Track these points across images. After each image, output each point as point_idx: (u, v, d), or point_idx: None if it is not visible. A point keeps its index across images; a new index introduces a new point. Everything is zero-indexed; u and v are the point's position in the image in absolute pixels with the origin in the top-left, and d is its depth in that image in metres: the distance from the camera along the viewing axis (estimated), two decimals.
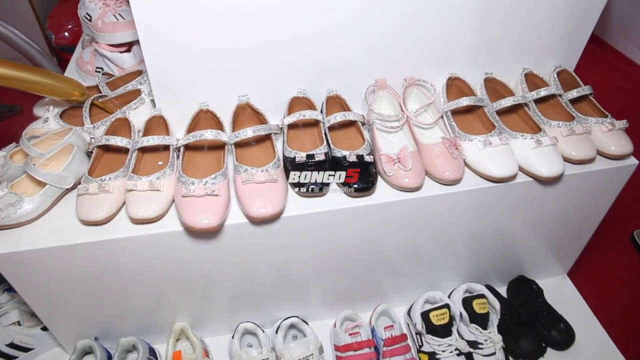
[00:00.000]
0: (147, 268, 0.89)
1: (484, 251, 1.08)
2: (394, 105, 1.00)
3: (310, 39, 0.92)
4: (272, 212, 0.81)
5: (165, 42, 0.87)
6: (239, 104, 0.96)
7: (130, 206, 0.81)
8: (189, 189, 0.80)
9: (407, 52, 0.99)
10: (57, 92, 0.94)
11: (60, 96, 0.95)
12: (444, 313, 0.99)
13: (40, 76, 0.92)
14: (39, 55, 1.33)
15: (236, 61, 0.92)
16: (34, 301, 0.91)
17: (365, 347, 0.98)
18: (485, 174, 0.90)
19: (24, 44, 1.33)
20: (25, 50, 1.34)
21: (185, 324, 0.99)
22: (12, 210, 0.80)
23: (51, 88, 0.93)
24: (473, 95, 1.00)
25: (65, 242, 0.81)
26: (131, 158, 0.89)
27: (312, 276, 1.02)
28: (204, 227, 0.78)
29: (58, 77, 0.95)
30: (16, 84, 0.90)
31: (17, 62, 0.92)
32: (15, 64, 0.90)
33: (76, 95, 0.97)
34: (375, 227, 0.93)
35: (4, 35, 1.35)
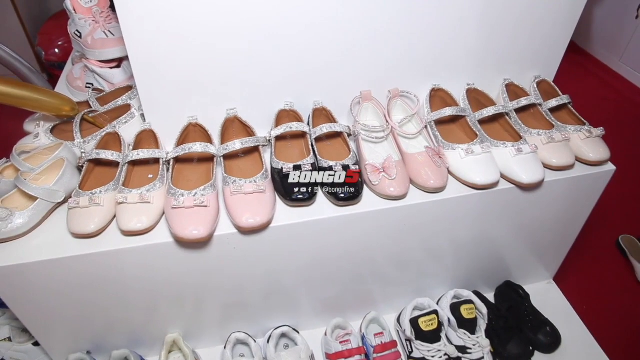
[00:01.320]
0: (139, 279, 0.90)
1: (470, 257, 1.10)
2: (379, 116, 1.03)
3: (296, 53, 0.94)
4: (261, 222, 0.83)
5: (154, 57, 0.89)
6: (228, 117, 0.98)
7: (121, 219, 0.83)
8: (179, 201, 0.81)
9: (391, 64, 1.02)
10: (48, 107, 0.96)
11: (51, 111, 0.97)
12: (433, 319, 1.01)
13: (31, 92, 0.94)
14: (27, 72, 1.34)
15: (224, 75, 0.95)
16: (25, 316, 0.91)
17: (356, 355, 1.00)
18: (468, 182, 0.93)
19: (13, 60, 1.35)
20: (14, 67, 1.36)
21: (177, 335, 1.00)
22: (2, 224, 0.81)
23: (42, 104, 0.95)
24: (456, 105, 1.03)
25: (56, 255, 0.82)
26: (122, 171, 0.90)
27: (302, 285, 1.04)
28: (194, 238, 0.79)
29: (49, 92, 0.97)
30: (7, 99, 0.91)
31: (7, 77, 0.94)
32: (6, 80, 0.92)
33: (66, 111, 0.98)
34: (362, 236, 0.95)
35: None
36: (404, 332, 1.03)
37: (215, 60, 0.92)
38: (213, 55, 0.91)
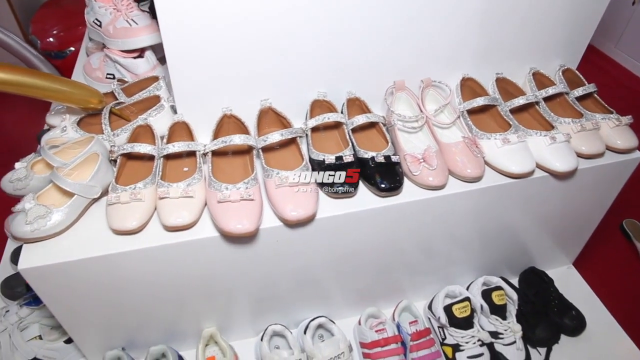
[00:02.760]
0: (178, 275, 0.87)
1: (496, 245, 1.10)
2: (412, 106, 1.01)
3: (328, 42, 0.92)
4: (307, 214, 0.81)
5: (188, 48, 0.86)
6: (262, 107, 0.95)
7: (164, 214, 0.80)
8: (224, 195, 0.79)
9: (420, 54, 1.00)
10: (75, 99, 0.91)
11: (78, 104, 0.92)
12: (466, 306, 1.01)
13: (59, 84, 0.89)
14: (38, 61, 1.28)
15: (256, 65, 0.92)
16: (61, 313, 0.88)
17: (392, 343, 0.99)
18: (505, 171, 0.92)
19: (22, 49, 1.28)
20: (23, 56, 1.30)
21: (214, 330, 0.98)
22: (42, 222, 0.78)
23: (69, 96, 0.90)
24: (486, 94, 1.02)
25: (98, 252, 0.78)
26: (158, 165, 0.87)
27: (334, 276, 1.02)
28: (242, 232, 0.77)
29: (76, 84, 0.92)
30: (34, 91, 0.86)
31: (31, 69, 0.89)
32: (31, 71, 0.87)
33: (94, 103, 0.94)
34: (400, 226, 0.94)
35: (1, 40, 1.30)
36: (437, 319, 1.03)
37: (248, 50, 0.89)
38: (245, 45, 0.88)
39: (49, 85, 0.88)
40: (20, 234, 0.77)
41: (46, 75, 0.90)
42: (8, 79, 0.82)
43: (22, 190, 0.85)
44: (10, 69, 0.83)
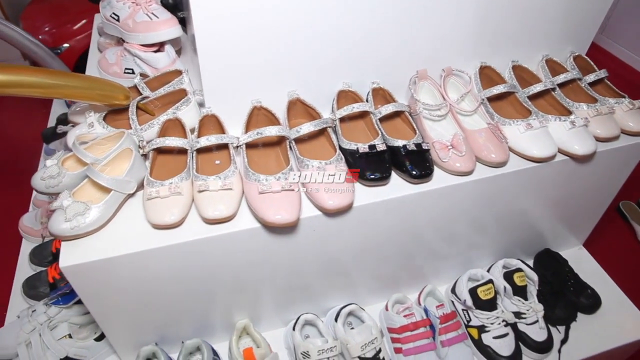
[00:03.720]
0: (215, 267, 0.87)
1: (514, 228, 1.13)
2: (434, 95, 1.02)
3: (352, 34, 0.93)
4: (346, 203, 0.81)
5: (219, 41, 0.86)
6: (290, 99, 0.94)
7: (204, 207, 0.79)
8: (266, 186, 0.78)
9: (436, 44, 1.01)
10: (102, 97, 0.89)
11: (105, 101, 0.90)
12: (490, 288, 1.03)
13: (89, 82, 0.87)
14: (49, 58, 1.24)
15: (282, 57, 0.92)
16: (97, 310, 0.86)
17: (421, 327, 1.01)
18: (528, 156, 0.94)
19: (31, 44, 1.24)
20: (32, 52, 1.25)
21: (247, 321, 0.97)
22: (80, 219, 0.76)
23: (96, 93, 0.88)
24: (503, 82, 1.04)
25: (139, 248, 0.77)
26: (192, 158, 0.86)
27: (361, 264, 1.03)
28: (287, 222, 0.77)
29: (103, 81, 0.90)
30: (63, 92, 0.84)
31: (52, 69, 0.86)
32: (59, 72, 0.85)
33: (120, 99, 0.92)
34: (429, 212, 0.95)
35: (6, 35, 1.26)
36: (463, 302, 1.05)
37: (274, 42, 0.89)
38: (272, 37, 0.88)
39: (79, 85, 0.85)
40: (59, 231, 0.76)
41: (73, 75, 0.87)
42: (37, 82, 0.79)
43: (54, 188, 0.83)
44: (36, 71, 0.80)
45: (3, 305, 1.11)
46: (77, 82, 0.85)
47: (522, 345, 1.03)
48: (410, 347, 0.99)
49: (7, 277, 1.17)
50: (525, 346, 1.03)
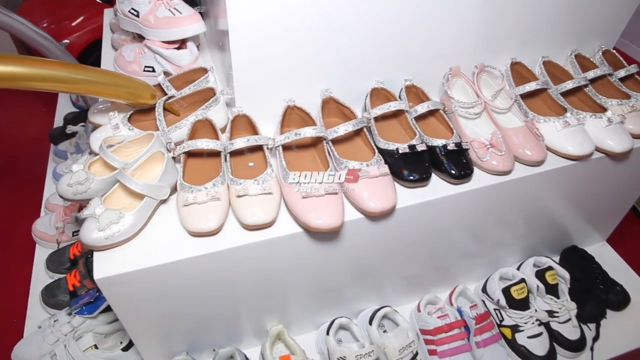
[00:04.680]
0: (251, 274, 0.82)
1: (542, 226, 1.10)
2: (467, 92, 0.98)
3: (383, 30, 0.88)
4: (390, 205, 0.77)
5: (252, 38, 0.80)
6: (324, 97, 0.90)
7: (244, 212, 0.74)
8: (309, 189, 0.74)
9: (465, 40, 0.97)
10: (129, 95, 0.83)
11: (131, 99, 0.84)
12: (523, 287, 1.00)
13: (114, 78, 0.81)
14: (60, 53, 1.17)
15: (313, 54, 0.87)
16: (129, 321, 0.81)
17: (456, 328, 0.97)
18: (566, 153, 0.91)
19: (42, 39, 1.17)
20: (42, 46, 1.18)
21: (281, 327, 0.93)
22: (114, 228, 0.71)
23: (125, 91, 0.82)
24: (534, 78, 1.00)
25: (176, 257, 0.72)
26: (226, 161, 0.81)
27: (391, 265, 0.99)
28: (331, 227, 0.73)
29: (129, 78, 0.84)
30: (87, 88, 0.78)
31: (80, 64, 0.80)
32: (83, 67, 0.78)
33: (146, 98, 0.86)
34: (466, 212, 0.92)
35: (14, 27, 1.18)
36: (496, 302, 1.02)
37: (306, 39, 0.84)
38: (304, 34, 0.83)
39: (105, 81, 0.80)
40: (92, 241, 0.70)
41: (99, 70, 0.82)
42: (61, 76, 0.74)
43: (82, 194, 0.77)
44: (61, 65, 0.74)
45: (21, 315, 1.05)
46: (104, 78, 0.80)
47: (555, 344, 1.00)
48: (445, 349, 0.96)
49: (23, 285, 1.11)
50: (558, 345, 1.00)
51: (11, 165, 1.53)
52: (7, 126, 1.79)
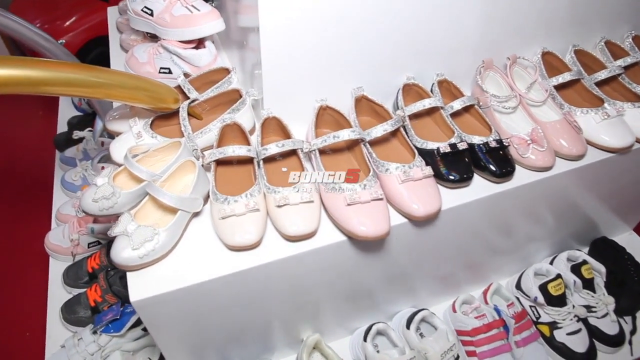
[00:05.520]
0: (291, 286, 0.77)
1: (572, 219, 1.06)
2: (500, 85, 0.93)
3: (412, 26, 0.82)
4: (436, 208, 0.73)
5: (282, 37, 0.74)
6: (356, 96, 0.84)
7: (285, 223, 0.69)
8: (354, 197, 0.68)
9: (492, 30, 0.91)
10: (151, 99, 0.77)
11: (154, 104, 0.78)
12: (560, 283, 0.97)
13: (138, 82, 0.74)
14: (62, 54, 1.09)
15: (342, 52, 0.81)
16: (163, 340, 0.76)
17: (494, 328, 0.94)
18: (605, 146, 0.87)
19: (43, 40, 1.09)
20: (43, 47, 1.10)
21: (318, 337, 0.88)
22: (149, 246, 0.65)
23: (149, 95, 0.76)
24: (566, 68, 0.96)
25: (215, 273, 0.67)
26: (260, 168, 0.75)
27: (421, 265, 0.95)
28: (380, 235, 0.68)
29: (150, 81, 0.77)
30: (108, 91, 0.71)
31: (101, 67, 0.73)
32: (102, 69, 0.72)
33: (169, 103, 0.80)
34: (506, 210, 0.88)
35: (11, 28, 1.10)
36: (534, 299, 0.98)
37: (335, 36, 0.78)
38: (334, 33, 0.77)
39: (126, 84, 0.73)
40: (125, 261, 0.65)
41: (119, 72, 0.75)
42: (78, 80, 0.67)
43: (109, 209, 0.71)
44: (77, 67, 0.68)
45: (40, 333, 0.99)
46: (124, 80, 0.73)
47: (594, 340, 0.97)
48: (485, 350, 0.93)
49: (40, 301, 1.05)
50: (597, 340, 0.97)
51: (15, 175, 1.45)
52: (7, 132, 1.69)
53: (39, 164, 1.40)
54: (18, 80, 0.61)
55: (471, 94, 0.95)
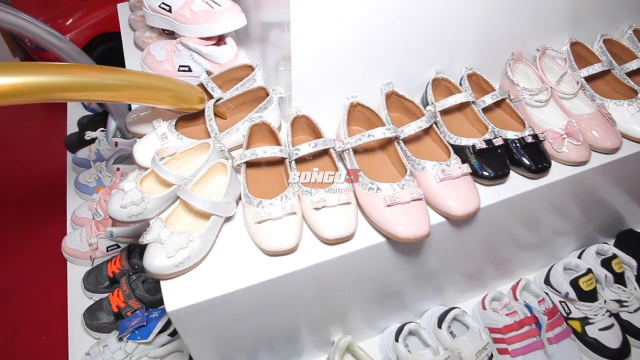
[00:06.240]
0: (326, 289, 0.75)
1: (601, 212, 1.04)
2: (530, 78, 0.90)
3: (439, 19, 0.79)
4: (475, 207, 0.70)
5: (312, 32, 0.71)
6: (387, 92, 0.81)
7: (324, 225, 0.66)
8: (393, 197, 0.66)
9: (519, 20, 0.88)
10: (177, 100, 0.74)
11: (179, 105, 0.75)
12: (591, 278, 0.95)
13: (162, 82, 0.71)
14: (75, 54, 1.05)
15: (370, 47, 0.78)
16: (196, 347, 0.73)
17: (526, 325, 0.91)
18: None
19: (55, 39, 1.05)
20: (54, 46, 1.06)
21: (350, 339, 0.86)
22: (184, 253, 0.62)
23: (174, 96, 0.72)
24: (595, 59, 0.93)
25: (252, 280, 0.64)
26: (293, 169, 0.72)
27: (449, 263, 0.93)
28: (421, 236, 0.65)
29: (175, 81, 0.74)
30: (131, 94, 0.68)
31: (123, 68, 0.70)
32: (123, 70, 0.68)
33: (194, 103, 0.76)
34: (541, 205, 0.85)
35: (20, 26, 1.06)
36: (565, 295, 0.96)
37: (363, 31, 0.75)
38: (361, 26, 0.74)
39: (149, 85, 0.70)
40: (159, 269, 0.62)
41: (141, 73, 0.71)
42: (99, 84, 0.64)
43: (137, 216, 0.68)
44: (96, 70, 0.64)
45: (62, 339, 0.96)
46: (147, 81, 0.70)
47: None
48: (517, 348, 0.90)
49: (60, 307, 1.02)
50: (630, 336, 0.95)
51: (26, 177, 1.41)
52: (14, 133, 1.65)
53: (50, 166, 1.36)
54: (31, 88, 0.57)
55: (499, 87, 0.92)
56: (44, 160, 1.43)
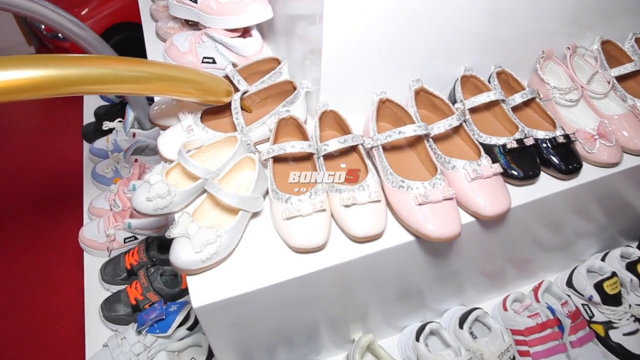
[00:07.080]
0: (352, 287, 0.73)
1: (625, 214, 1.02)
2: (560, 77, 0.88)
3: (470, 15, 0.77)
4: (506, 207, 0.68)
5: (344, 27, 0.69)
6: (415, 88, 0.79)
7: (354, 223, 0.64)
8: (425, 196, 0.64)
9: (544, 18, 0.86)
10: (203, 93, 0.72)
11: (205, 97, 0.73)
12: (616, 282, 0.93)
13: (187, 74, 0.69)
14: (97, 43, 1.04)
15: (399, 42, 0.76)
16: (218, 343, 0.72)
17: (548, 328, 0.90)
18: None
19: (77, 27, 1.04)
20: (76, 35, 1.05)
21: (371, 337, 0.85)
22: (211, 249, 0.61)
23: (200, 88, 0.71)
24: (626, 58, 0.91)
25: (280, 277, 0.63)
26: (321, 165, 0.71)
27: (470, 262, 0.91)
28: (453, 236, 0.64)
29: (202, 73, 0.72)
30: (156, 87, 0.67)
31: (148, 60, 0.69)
32: (148, 62, 0.67)
33: (221, 96, 0.75)
34: (571, 207, 0.83)
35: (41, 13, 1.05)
36: (589, 298, 0.95)
37: (392, 25, 0.73)
38: (393, 22, 0.72)
39: (175, 77, 0.68)
40: (186, 264, 0.61)
41: (166, 65, 0.70)
42: (124, 76, 0.63)
43: (163, 209, 0.66)
44: (120, 61, 0.63)
45: (79, 330, 0.95)
46: (175, 73, 0.68)
47: None
48: (539, 350, 0.89)
49: (76, 298, 1.01)
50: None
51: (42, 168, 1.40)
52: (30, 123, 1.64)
53: (66, 156, 1.35)
54: (51, 81, 0.55)
55: (527, 85, 0.90)
56: (61, 150, 1.42)
